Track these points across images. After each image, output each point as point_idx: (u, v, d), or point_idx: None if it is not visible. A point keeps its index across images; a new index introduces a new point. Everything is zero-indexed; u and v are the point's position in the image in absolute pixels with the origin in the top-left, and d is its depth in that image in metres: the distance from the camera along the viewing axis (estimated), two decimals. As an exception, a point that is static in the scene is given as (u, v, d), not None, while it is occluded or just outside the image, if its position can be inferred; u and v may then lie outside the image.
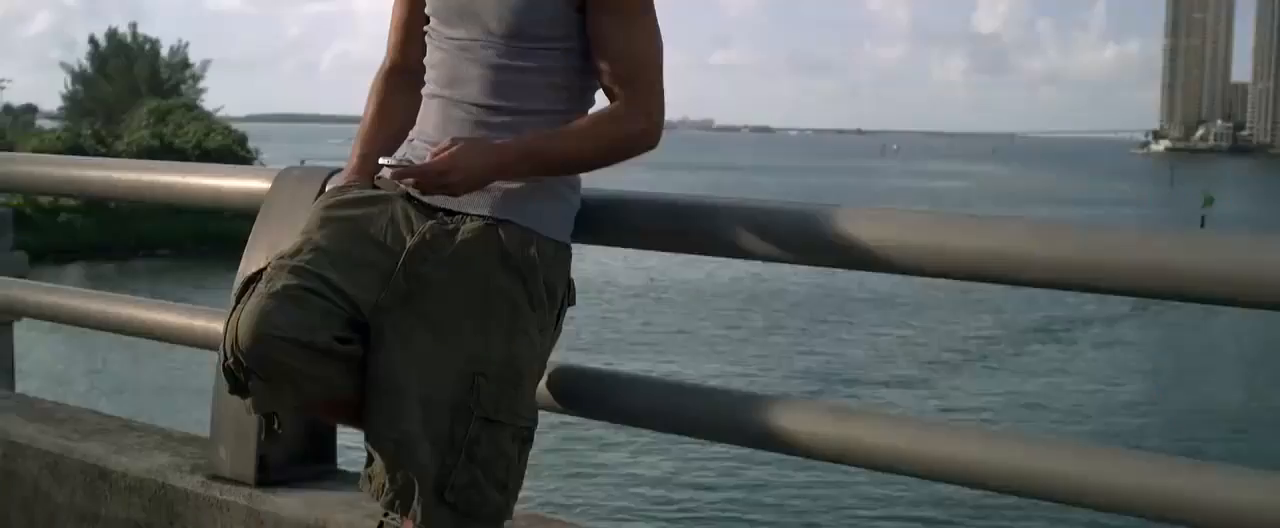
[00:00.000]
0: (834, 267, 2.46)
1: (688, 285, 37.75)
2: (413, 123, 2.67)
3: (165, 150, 56.03)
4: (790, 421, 2.49)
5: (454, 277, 2.42)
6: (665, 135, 2.55)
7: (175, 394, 23.59)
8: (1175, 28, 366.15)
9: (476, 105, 2.51)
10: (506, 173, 2.45)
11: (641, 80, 2.51)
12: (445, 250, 2.43)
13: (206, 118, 66.50)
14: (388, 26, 2.77)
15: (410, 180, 2.41)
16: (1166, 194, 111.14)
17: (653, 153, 2.58)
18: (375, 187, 2.62)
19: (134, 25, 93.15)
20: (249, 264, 3.00)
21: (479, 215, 2.46)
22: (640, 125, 2.51)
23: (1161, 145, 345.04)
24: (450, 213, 2.48)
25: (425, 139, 2.56)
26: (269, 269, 2.40)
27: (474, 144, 2.41)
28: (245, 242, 3.08)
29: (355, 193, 2.58)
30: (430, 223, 2.47)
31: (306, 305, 2.33)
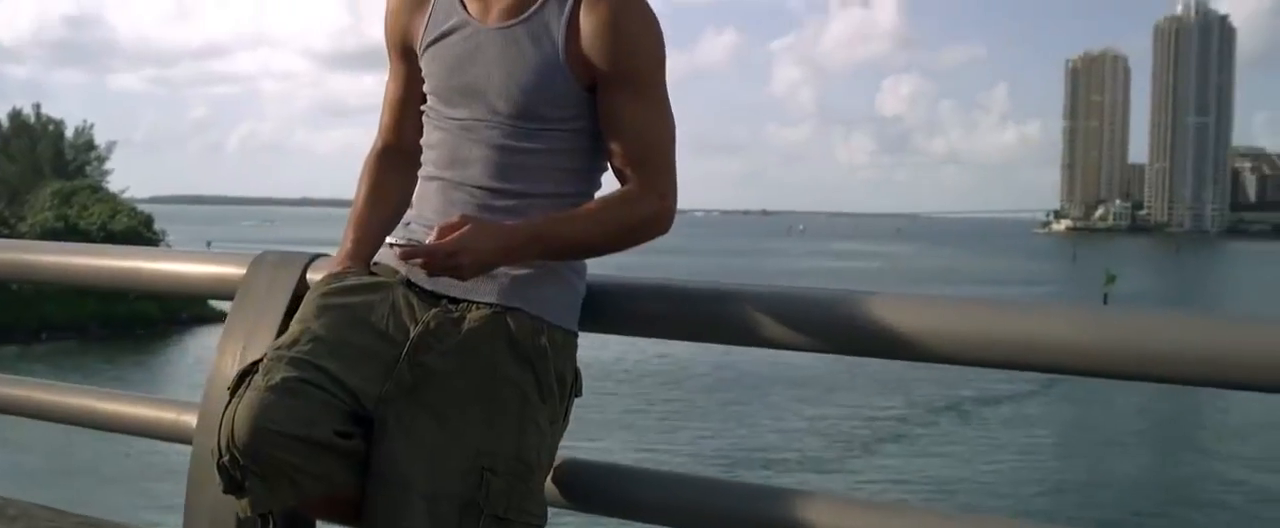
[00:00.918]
0: (851, 354, 2.37)
1: (594, 365, 37.45)
2: (407, 205, 2.59)
3: (70, 232, 55.30)
4: (806, 513, 2.41)
5: (461, 366, 2.32)
6: None
7: (57, 478, 23.07)
8: (1074, 110, 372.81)
9: (480, 188, 2.43)
10: (515, 257, 2.35)
11: (655, 162, 2.43)
12: (451, 339, 2.33)
13: (112, 199, 65.74)
14: (382, 105, 2.68)
15: (417, 262, 2.29)
16: (1069, 272, 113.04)
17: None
18: (372, 273, 2.52)
19: (38, 106, 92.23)
20: (224, 353, 2.89)
21: (486, 303, 2.38)
22: (654, 208, 2.42)
23: (1062, 225, 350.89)
24: (455, 300, 2.39)
25: (424, 223, 2.46)
26: (266, 360, 2.29)
27: (484, 226, 2.30)
28: (150, 324, 2.93)
29: (352, 280, 2.49)
30: (434, 310, 2.38)
31: (306, 398, 2.22)
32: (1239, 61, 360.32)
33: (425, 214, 2.49)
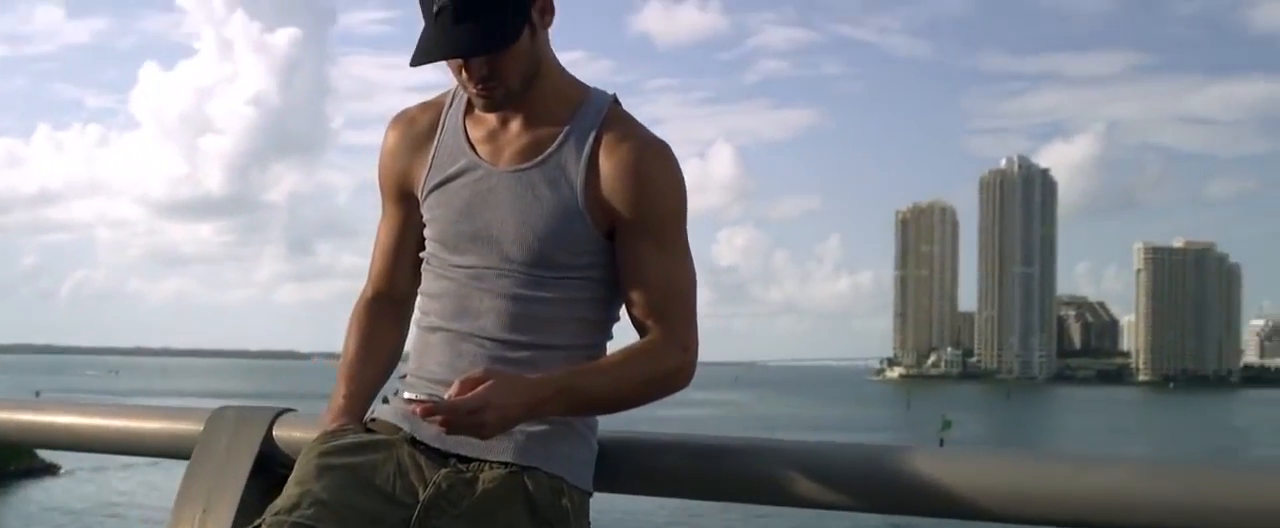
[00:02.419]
0: (889, 513, 2.26)
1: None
2: (398, 357, 2.46)
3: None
4: None
5: None
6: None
7: None
8: (904, 260, 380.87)
9: (491, 340, 2.29)
10: (539, 412, 2.20)
11: (678, 312, 2.31)
12: (465, 502, 2.18)
13: (-65, 349, 63.35)
14: (373, 251, 2.53)
15: (437, 419, 2.10)
16: (905, 417, 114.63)
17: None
18: (369, 429, 2.35)
19: None
20: (180, 520, 2.65)
21: (500, 462, 2.23)
22: (678, 360, 2.30)
23: (896, 372, 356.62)
24: (466, 459, 2.24)
25: (428, 376, 2.32)
26: (264, 527, 2.12)
27: (508, 380, 2.14)
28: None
29: (351, 438, 2.31)
30: (444, 471, 2.22)
31: None
32: (1061, 213, 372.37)
33: (428, 367, 2.35)
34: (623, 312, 2.38)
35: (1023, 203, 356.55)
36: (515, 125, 2.33)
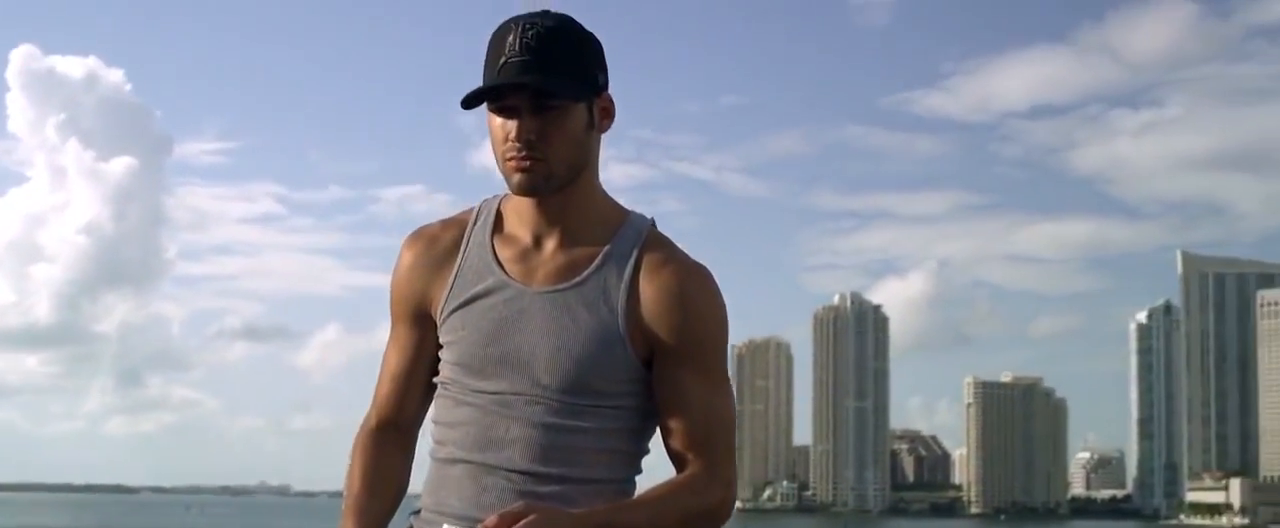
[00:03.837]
0: None
1: None
2: (404, 490, 2.31)
3: None
4: None
5: None
6: (238, 501, 3.53)
7: None
8: (740, 394, 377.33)
9: (519, 472, 2.14)
10: None
11: (721, 444, 2.20)
12: None
13: None
14: (379, 376, 2.37)
15: None
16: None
17: (240, 519, 2.40)
18: None
19: None
20: None
21: None
22: (719, 495, 2.18)
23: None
24: None
25: (447, 511, 2.18)
26: None
27: (550, 514, 2.01)
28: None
29: None
30: None
31: None
32: (894, 348, 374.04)
33: (448, 502, 2.20)
34: (653, 444, 2.29)
35: (856, 338, 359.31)
36: (550, 244, 2.22)
